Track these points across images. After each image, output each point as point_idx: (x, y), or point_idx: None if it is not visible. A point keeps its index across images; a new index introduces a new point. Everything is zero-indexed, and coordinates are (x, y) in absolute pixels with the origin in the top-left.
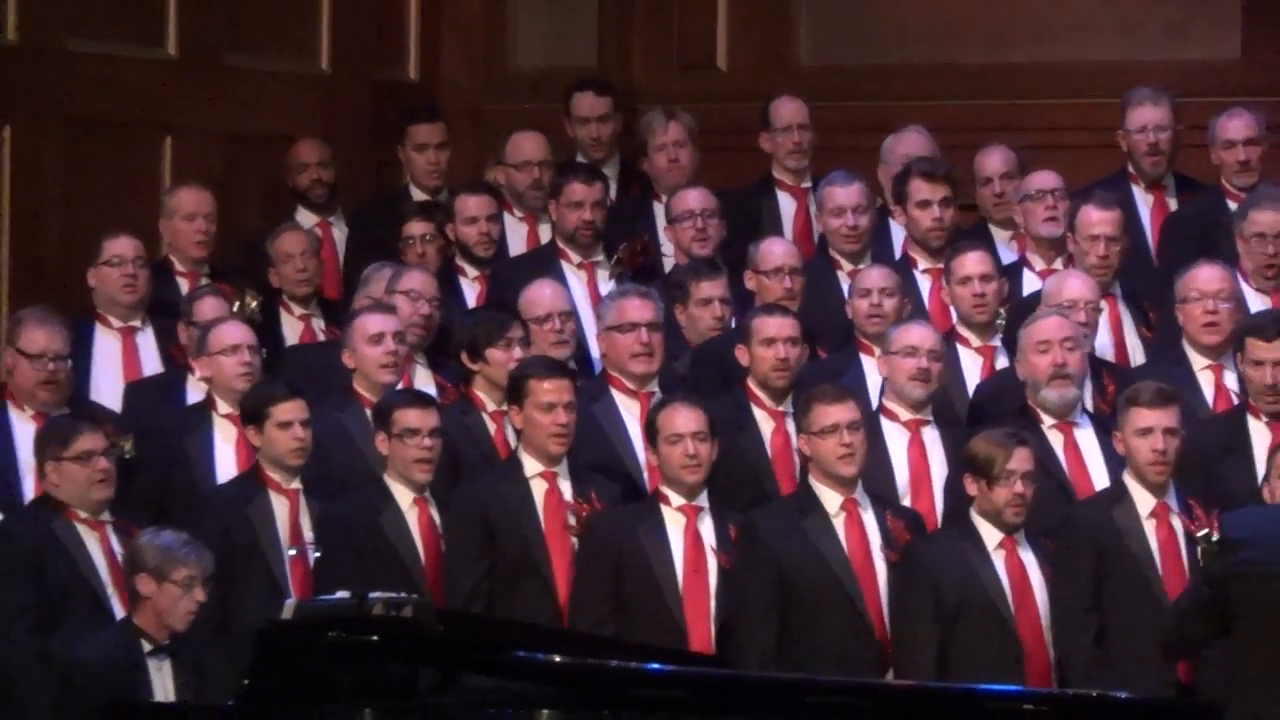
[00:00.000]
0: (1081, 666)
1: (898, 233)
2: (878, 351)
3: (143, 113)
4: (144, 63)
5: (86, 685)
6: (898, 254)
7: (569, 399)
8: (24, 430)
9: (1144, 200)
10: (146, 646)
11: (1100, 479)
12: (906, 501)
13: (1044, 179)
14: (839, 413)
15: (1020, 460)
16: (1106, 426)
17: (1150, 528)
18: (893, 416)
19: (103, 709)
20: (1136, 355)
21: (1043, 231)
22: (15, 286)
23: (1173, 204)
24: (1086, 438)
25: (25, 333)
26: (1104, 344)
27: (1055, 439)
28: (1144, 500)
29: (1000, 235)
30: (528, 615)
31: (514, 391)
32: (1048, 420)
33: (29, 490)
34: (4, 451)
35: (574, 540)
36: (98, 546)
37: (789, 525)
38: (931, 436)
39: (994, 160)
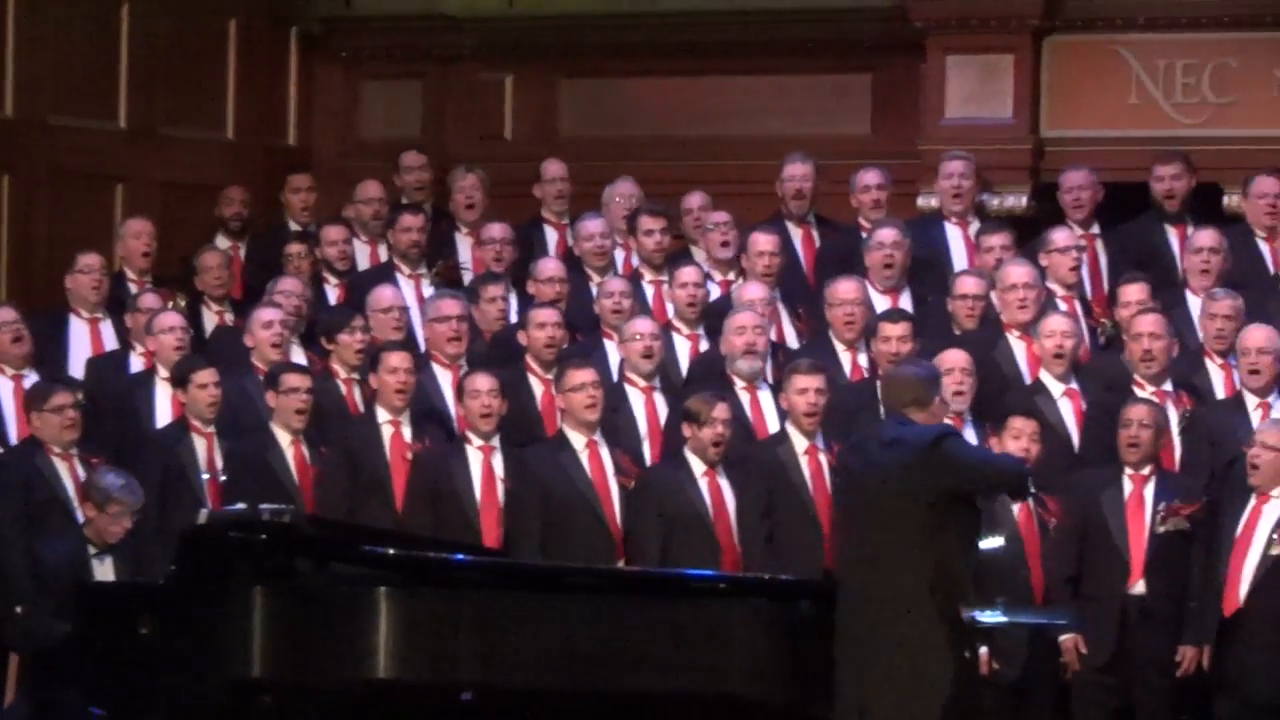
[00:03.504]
0: (758, 559)
1: (617, 254)
2: (616, 337)
3: (102, 168)
4: (103, 132)
5: (54, 573)
6: (620, 268)
7: (407, 366)
8: (5, 387)
9: (795, 233)
10: (93, 550)
11: (775, 427)
12: (646, 446)
13: (718, 216)
14: (584, 375)
15: (721, 411)
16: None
17: (805, 463)
18: (632, 384)
19: (75, 588)
20: (791, 340)
21: (718, 254)
22: (10, 292)
23: (816, 236)
24: (766, 398)
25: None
26: None
27: (745, 398)
28: (800, 442)
29: (699, 255)
30: (375, 522)
31: (373, 362)
32: (739, 384)
33: (11, 432)
34: None
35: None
36: (68, 474)
37: (549, 459)
38: (659, 399)
39: (695, 199)
